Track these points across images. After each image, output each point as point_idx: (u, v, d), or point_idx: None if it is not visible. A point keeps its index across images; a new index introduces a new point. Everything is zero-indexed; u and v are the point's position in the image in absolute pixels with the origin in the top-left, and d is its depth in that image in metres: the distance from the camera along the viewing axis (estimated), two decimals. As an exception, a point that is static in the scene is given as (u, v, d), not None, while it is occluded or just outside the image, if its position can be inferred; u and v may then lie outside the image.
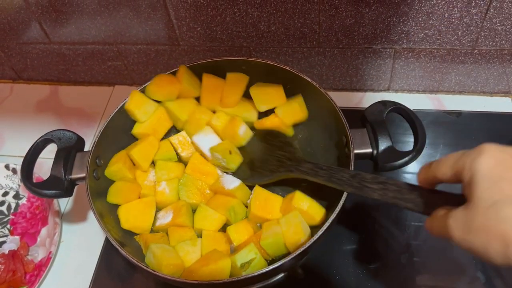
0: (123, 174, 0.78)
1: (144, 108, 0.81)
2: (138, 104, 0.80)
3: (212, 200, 0.78)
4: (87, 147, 0.79)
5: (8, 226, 0.89)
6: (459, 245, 0.43)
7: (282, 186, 0.80)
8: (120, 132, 0.82)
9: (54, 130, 0.78)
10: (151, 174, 0.81)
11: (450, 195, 0.50)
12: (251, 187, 0.78)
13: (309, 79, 0.78)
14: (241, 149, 0.82)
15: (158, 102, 0.83)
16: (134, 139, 0.84)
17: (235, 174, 0.80)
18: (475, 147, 0.45)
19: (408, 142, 0.90)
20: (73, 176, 0.73)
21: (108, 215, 0.73)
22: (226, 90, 0.84)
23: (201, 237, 0.74)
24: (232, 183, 0.78)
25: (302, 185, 0.75)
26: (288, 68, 0.80)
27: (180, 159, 0.84)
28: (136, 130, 0.83)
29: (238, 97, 0.84)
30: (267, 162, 0.78)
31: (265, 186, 0.77)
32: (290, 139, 0.82)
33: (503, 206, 0.39)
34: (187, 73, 0.83)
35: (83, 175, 0.72)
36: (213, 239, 0.73)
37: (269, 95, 0.84)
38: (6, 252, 0.84)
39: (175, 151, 0.84)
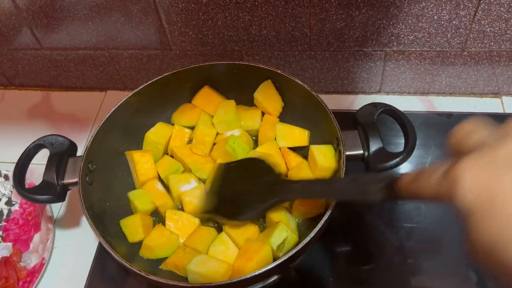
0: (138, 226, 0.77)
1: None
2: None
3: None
4: (80, 152, 0.79)
5: (0, 232, 0.88)
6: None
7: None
8: (112, 137, 0.81)
9: (46, 136, 0.78)
10: (159, 184, 0.82)
11: None
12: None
13: (300, 82, 0.78)
14: (219, 185, 0.76)
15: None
16: (128, 143, 0.85)
17: (218, 214, 0.75)
18: (454, 162, 0.36)
19: (400, 144, 0.91)
20: (66, 181, 0.73)
21: (101, 219, 0.72)
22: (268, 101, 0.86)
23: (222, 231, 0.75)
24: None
25: None
26: (279, 71, 0.80)
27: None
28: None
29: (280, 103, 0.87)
30: (253, 194, 0.72)
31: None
32: (269, 164, 0.74)
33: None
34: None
35: (76, 180, 0.72)
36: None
37: (293, 136, 0.85)
38: (-1, 259, 0.83)
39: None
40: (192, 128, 0.88)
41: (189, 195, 0.79)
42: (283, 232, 0.70)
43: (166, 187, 0.82)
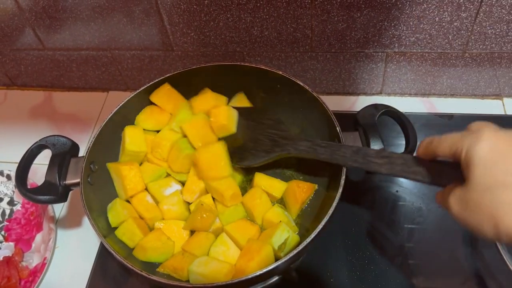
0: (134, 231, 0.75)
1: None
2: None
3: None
4: (82, 152, 0.79)
5: (3, 232, 0.89)
6: (457, 220, 0.47)
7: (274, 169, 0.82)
8: (114, 138, 0.82)
9: (48, 136, 0.78)
10: (148, 196, 0.80)
11: (455, 166, 0.50)
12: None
13: (301, 83, 0.78)
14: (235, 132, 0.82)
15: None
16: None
17: (230, 158, 0.79)
18: (474, 130, 0.47)
19: (401, 145, 0.91)
20: (68, 181, 0.73)
21: (103, 220, 0.73)
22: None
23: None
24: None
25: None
26: (280, 72, 0.80)
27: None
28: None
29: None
30: (260, 142, 0.78)
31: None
32: (278, 117, 0.80)
33: (495, 191, 0.43)
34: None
35: (78, 180, 0.72)
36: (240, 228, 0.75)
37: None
38: (1, 258, 0.83)
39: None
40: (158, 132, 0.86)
41: (167, 204, 0.78)
42: (285, 232, 0.70)
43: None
